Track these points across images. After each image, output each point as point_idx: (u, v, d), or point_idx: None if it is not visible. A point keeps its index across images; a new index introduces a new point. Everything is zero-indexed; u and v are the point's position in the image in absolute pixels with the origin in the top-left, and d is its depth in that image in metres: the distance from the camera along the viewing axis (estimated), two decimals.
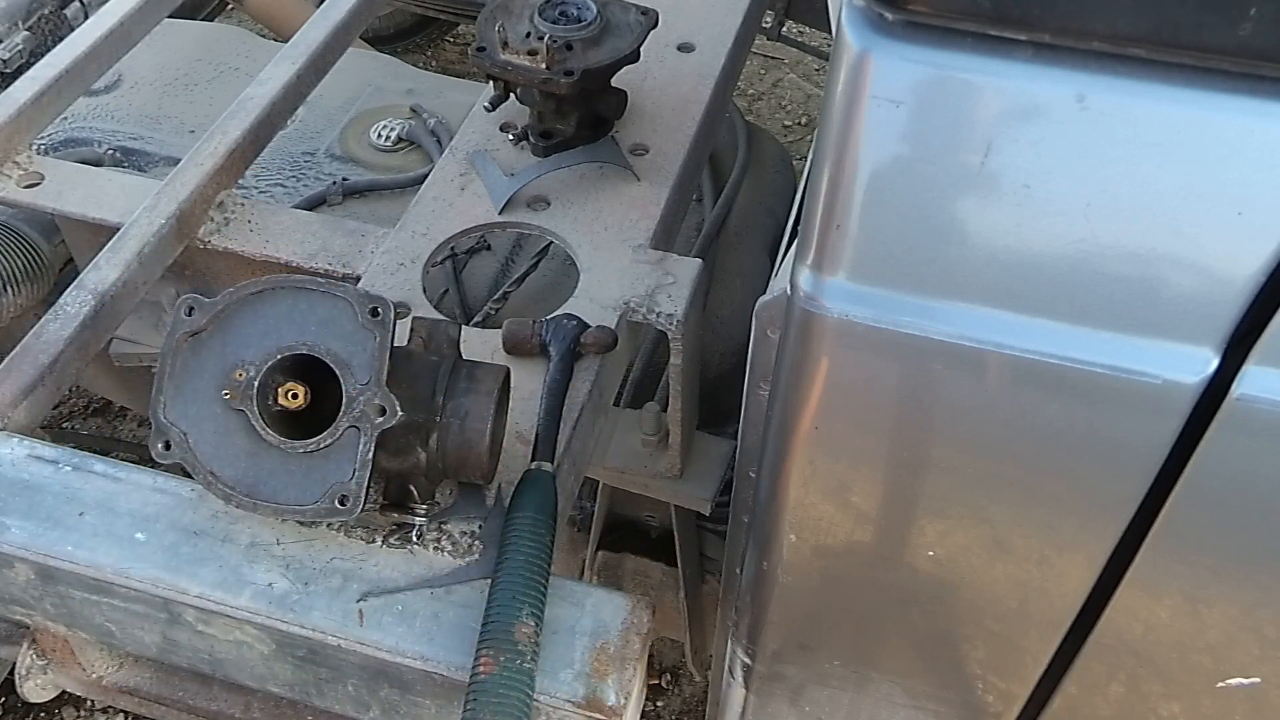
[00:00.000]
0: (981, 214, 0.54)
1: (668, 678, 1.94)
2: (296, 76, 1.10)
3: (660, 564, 1.36)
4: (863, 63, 0.51)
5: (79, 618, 0.79)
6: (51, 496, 0.77)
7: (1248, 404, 0.55)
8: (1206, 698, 0.75)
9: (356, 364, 0.64)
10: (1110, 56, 0.48)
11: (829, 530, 0.74)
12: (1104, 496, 0.64)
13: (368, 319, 0.66)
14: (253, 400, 0.64)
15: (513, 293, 1.20)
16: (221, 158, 1.01)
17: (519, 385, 0.85)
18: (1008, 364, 0.58)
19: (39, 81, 1.05)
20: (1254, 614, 0.68)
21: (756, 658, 0.91)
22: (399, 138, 1.42)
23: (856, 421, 0.67)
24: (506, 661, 0.65)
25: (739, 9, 1.22)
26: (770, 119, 2.94)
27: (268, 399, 0.65)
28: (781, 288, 0.65)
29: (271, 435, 0.64)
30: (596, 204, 1.00)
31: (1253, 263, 0.51)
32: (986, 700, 0.84)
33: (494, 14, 0.99)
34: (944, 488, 0.69)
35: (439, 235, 0.97)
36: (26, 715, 1.85)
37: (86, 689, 0.92)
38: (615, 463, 1.08)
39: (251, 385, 0.64)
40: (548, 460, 0.78)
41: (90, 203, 1.03)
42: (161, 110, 1.47)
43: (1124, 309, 0.55)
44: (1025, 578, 0.72)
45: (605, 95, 1.04)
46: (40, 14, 1.35)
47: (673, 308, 0.90)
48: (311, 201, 1.34)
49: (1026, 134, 0.50)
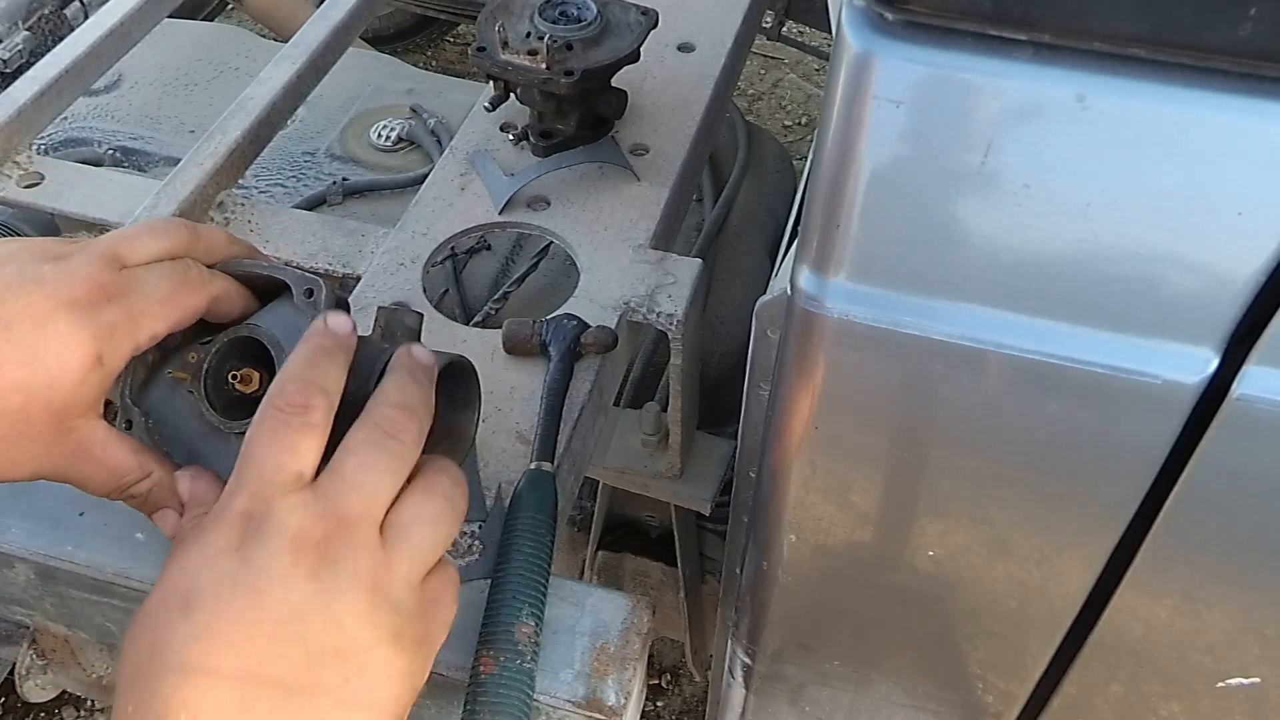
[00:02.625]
0: (982, 214, 0.54)
1: (668, 678, 1.94)
2: (296, 76, 1.10)
3: (660, 564, 1.36)
4: (863, 63, 0.51)
5: (79, 618, 0.79)
6: (51, 496, 0.77)
7: (1248, 404, 0.55)
8: (1206, 698, 0.75)
9: (289, 345, 0.62)
10: (1110, 56, 0.48)
11: (829, 530, 0.74)
12: (1104, 496, 0.64)
13: (303, 300, 0.65)
14: (200, 381, 0.63)
15: (513, 293, 1.20)
16: (221, 158, 1.01)
17: (519, 385, 0.85)
18: (1008, 364, 0.58)
19: (39, 81, 1.05)
20: (1254, 614, 0.68)
21: (756, 658, 0.91)
22: (399, 138, 1.42)
23: (857, 421, 0.67)
24: (506, 661, 0.65)
25: (739, 9, 1.22)
26: (770, 119, 2.94)
27: (223, 382, 0.64)
28: (781, 288, 0.65)
29: (213, 415, 0.63)
30: (596, 204, 1.00)
31: (1253, 263, 0.51)
32: (986, 700, 0.84)
33: (494, 14, 0.99)
34: (944, 488, 0.69)
35: (439, 235, 0.97)
36: (26, 715, 1.85)
37: (86, 689, 0.93)
38: (615, 463, 1.08)
39: (200, 366, 0.63)
40: (548, 460, 0.78)
41: (90, 203, 1.03)
42: (161, 110, 1.47)
43: (1124, 309, 0.55)
44: (1025, 578, 0.72)
45: (605, 95, 1.04)
46: (40, 14, 1.35)
47: (673, 308, 0.90)
48: (311, 201, 1.34)
49: (1026, 134, 0.51)
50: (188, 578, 0.54)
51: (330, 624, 0.53)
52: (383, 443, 0.57)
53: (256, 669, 0.52)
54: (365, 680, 0.54)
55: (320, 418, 0.57)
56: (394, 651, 0.55)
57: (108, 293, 0.60)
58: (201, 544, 0.55)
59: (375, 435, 0.57)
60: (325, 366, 0.58)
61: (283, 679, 0.52)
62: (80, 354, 0.58)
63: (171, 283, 0.62)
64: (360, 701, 0.54)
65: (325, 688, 0.53)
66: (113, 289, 0.60)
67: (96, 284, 0.60)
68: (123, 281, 0.61)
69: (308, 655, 0.53)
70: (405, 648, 0.55)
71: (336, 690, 0.53)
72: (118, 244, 0.62)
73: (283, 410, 0.56)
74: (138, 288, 0.61)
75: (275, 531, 0.54)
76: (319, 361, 0.59)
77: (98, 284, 0.60)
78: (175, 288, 0.63)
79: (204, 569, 0.54)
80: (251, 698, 0.51)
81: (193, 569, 0.54)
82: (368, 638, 0.54)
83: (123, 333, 0.60)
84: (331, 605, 0.53)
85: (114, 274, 0.61)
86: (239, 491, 0.56)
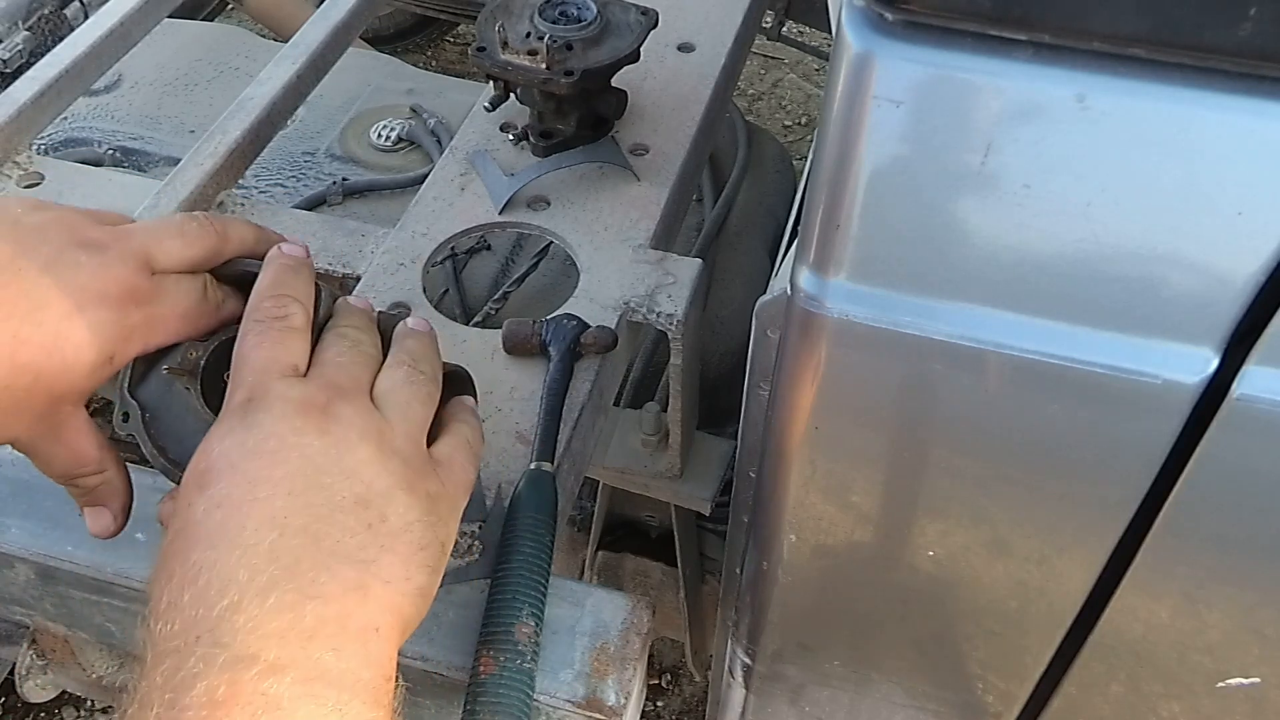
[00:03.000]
0: (982, 214, 0.54)
1: (668, 678, 1.94)
2: (296, 76, 1.10)
3: (660, 564, 1.36)
4: (863, 63, 0.51)
5: (79, 618, 0.79)
6: (51, 496, 0.77)
7: (1248, 404, 0.55)
8: (1206, 698, 0.75)
9: None
10: (1110, 56, 0.48)
11: (829, 530, 0.74)
12: (1104, 496, 0.64)
13: None
14: (197, 378, 0.64)
15: (513, 293, 1.20)
16: (221, 158, 1.01)
17: (519, 385, 0.85)
18: (1008, 364, 0.59)
19: (39, 81, 1.05)
20: (1254, 614, 0.68)
21: (756, 658, 0.91)
22: (399, 138, 1.42)
23: (857, 421, 0.67)
24: (506, 661, 0.65)
25: (739, 9, 1.22)
26: (770, 119, 2.94)
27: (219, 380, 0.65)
28: (781, 288, 0.65)
29: (207, 413, 0.63)
30: (596, 204, 1.00)
31: (1253, 263, 0.51)
32: (986, 700, 0.84)
33: (494, 14, 0.99)
34: (944, 488, 0.69)
35: (439, 235, 0.97)
36: (26, 715, 1.85)
37: (86, 689, 0.92)
38: (615, 463, 1.08)
39: (197, 363, 0.64)
40: (548, 460, 0.78)
41: (90, 203, 1.02)
42: (161, 110, 1.47)
43: (1124, 309, 0.55)
44: (1025, 578, 0.72)
45: (605, 95, 1.04)
46: (40, 14, 1.35)
47: (673, 308, 0.90)
48: (311, 201, 1.34)
49: (1026, 134, 0.51)
50: (200, 459, 0.56)
51: (347, 472, 0.56)
52: (354, 340, 0.62)
53: (281, 520, 0.53)
54: (387, 525, 0.56)
55: (300, 322, 0.61)
56: (411, 499, 0.57)
57: (136, 298, 0.62)
58: (207, 436, 0.57)
59: (342, 340, 0.62)
60: (292, 281, 0.63)
61: (307, 528, 0.54)
62: (98, 350, 0.60)
63: (192, 300, 0.65)
64: (385, 546, 0.55)
65: (350, 531, 0.55)
66: (141, 295, 0.62)
67: (129, 287, 0.61)
68: (151, 289, 0.63)
69: (329, 503, 0.55)
70: (420, 498, 0.58)
71: (361, 534, 0.55)
72: (150, 245, 0.64)
73: (263, 320, 0.60)
74: (162, 298, 0.63)
75: (279, 401, 0.57)
76: (285, 278, 0.63)
77: (130, 287, 0.61)
78: (194, 305, 0.65)
79: (215, 446, 0.56)
80: (280, 548, 0.53)
81: (205, 452, 0.56)
82: (384, 484, 0.56)
83: (139, 337, 0.62)
84: (345, 456, 0.56)
85: (146, 279, 0.62)
86: (237, 389, 0.58)
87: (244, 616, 0.50)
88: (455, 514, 0.62)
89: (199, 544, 0.53)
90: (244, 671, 0.49)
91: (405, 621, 0.56)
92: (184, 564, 0.52)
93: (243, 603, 0.51)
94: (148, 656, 0.51)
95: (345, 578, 0.53)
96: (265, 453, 0.55)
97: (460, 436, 0.65)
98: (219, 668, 0.49)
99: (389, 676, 0.54)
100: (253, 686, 0.49)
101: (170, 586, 0.52)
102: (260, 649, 0.50)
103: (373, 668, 0.53)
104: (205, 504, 0.54)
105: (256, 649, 0.50)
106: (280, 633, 0.50)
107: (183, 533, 0.54)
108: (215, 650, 0.49)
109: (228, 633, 0.50)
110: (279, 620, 0.51)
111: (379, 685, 0.53)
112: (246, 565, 0.52)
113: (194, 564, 0.52)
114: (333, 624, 0.52)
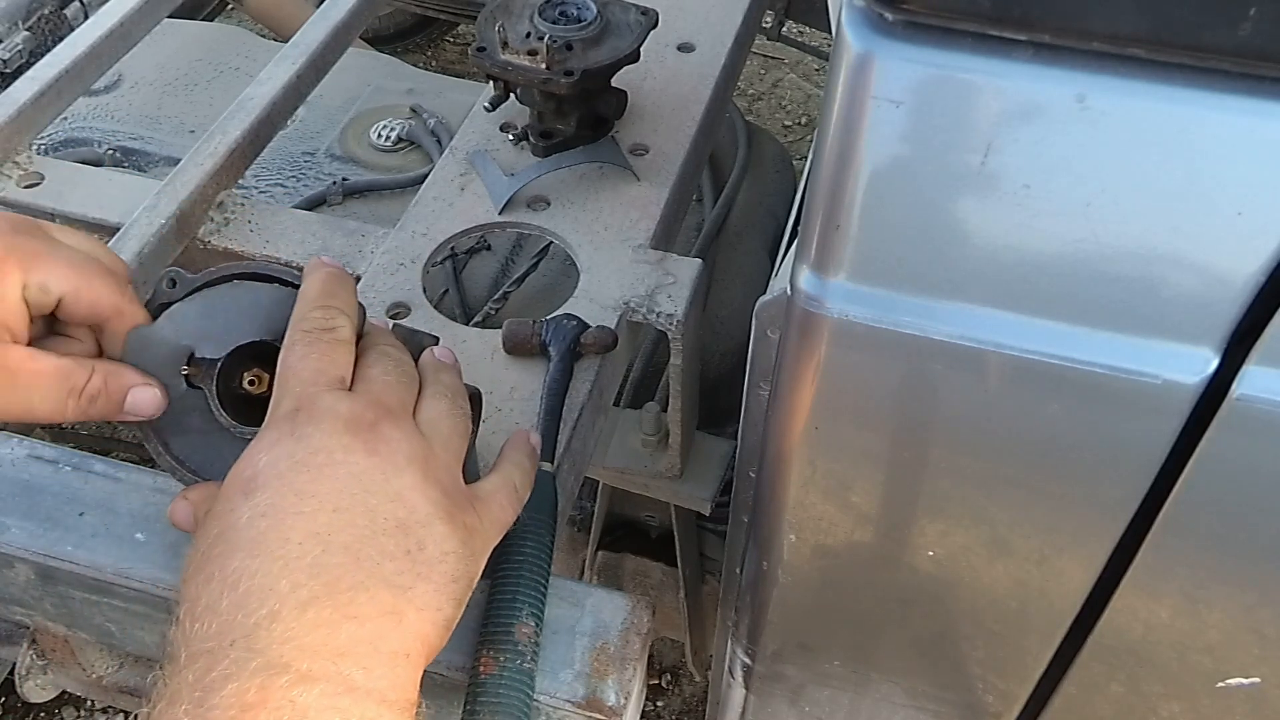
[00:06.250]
0: (982, 214, 0.54)
1: (668, 678, 1.94)
2: (296, 76, 1.10)
3: (660, 564, 1.36)
4: (863, 63, 0.51)
5: (79, 618, 0.79)
6: (51, 496, 0.77)
7: (1248, 404, 0.55)
8: (1206, 698, 0.75)
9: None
10: (1110, 56, 0.48)
11: (829, 530, 0.74)
12: (1104, 496, 0.64)
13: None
14: (213, 380, 0.64)
15: (513, 293, 1.20)
16: (221, 158, 1.01)
17: (519, 385, 0.85)
18: (1008, 364, 0.59)
19: (39, 81, 1.05)
20: (1254, 614, 0.68)
21: (756, 658, 0.91)
22: (399, 138, 1.42)
23: (856, 421, 0.67)
24: (506, 661, 0.65)
25: (739, 9, 1.22)
26: (770, 119, 2.94)
27: (233, 381, 0.65)
28: (781, 288, 0.65)
29: (223, 417, 0.63)
30: (596, 204, 1.00)
31: (1253, 263, 0.51)
32: (986, 700, 0.84)
33: (494, 14, 0.99)
34: (944, 488, 0.69)
35: (439, 235, 0.97)
36: (26, 715, 1.85)
37: (86, 689, 0.92)
38: (615, 463, 1.08)
39: (214, 366, 0.64)
40: (548, 460, 0.78)
41: (90, 203, 1.03)
42: (161, 110, 1.47)
43: (1124, 309, 0.55)
44: (1025, 578, 0.72)
45: (605, 95, 1.04)
46: (40, 14, 1.35)
47: (673, 308, 0.90)
48: (311, 201, 1.34)
49: (1026, 134, 0.51)
50: (246, 466, 0.56)
51: (392, 496, 0.56)
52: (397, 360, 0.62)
53: (325, 536, 0.54)
54: (425, 554, 0.56)
55: (347, 335, 0.61)
56: (448, 529, 0.57)
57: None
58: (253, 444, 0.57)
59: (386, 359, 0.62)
60: (339, 292, 0.63)
61: (349, 546, 0.54)
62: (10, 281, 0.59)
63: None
64: (421, 573, 0.56)
65: (389, 555, 0.55)
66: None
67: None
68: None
69: (372, 525, 0.55)
70: (457, 530, 0.58)
71: (400, 559, 0.55)
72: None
73: (310, 332, 0.60)
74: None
75: (329, 416, 0.57)
76: (334, 288, 0.63)
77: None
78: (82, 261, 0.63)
79: (261, 454, 0.56)
80: (322, 564, 0.53)
81: (250, 459, 0.56)
82: (425, 511, 0.57)
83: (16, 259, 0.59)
84: (391, 479, 0.56)
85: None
86: (284, 398, 0.58)
87: (281, 626, 0.51)
88: (486, 551, 0.62)
89: (240, 550, 0.53)
90: (275, 678, 0.50)
91: (430, 650, 0.56)
92: (224, 569, 0.53)
93: (281, 613, 0.51)
94: (180, 655, 0.51)
95: (381, 601, 0.54)
96: (313, 466, 0.55)
97: (508, 478, 0.65)
98: (251, 672, 0.49)
99: (413, 702, 0.54)
100: (282, 694, 0.49)
101: (209, 589, 0.52)
102: (293, 659, 0.50)
103: (398, 690, 0.53)
104: (250, 512, 0.54)
105: (290, 659, 0.50)
106: (314, 647, 0.51)
107: (224, 537, 0.54)
108: (249, 655, 0.50)
109: (263, 640, 0.50)
110: (314, 635, 0.51)
111: (403, 708, 0.53)
112: (288, 577, 0.52)
113: (235, 570, 0.52)
114: (365, 645, 0.53)
